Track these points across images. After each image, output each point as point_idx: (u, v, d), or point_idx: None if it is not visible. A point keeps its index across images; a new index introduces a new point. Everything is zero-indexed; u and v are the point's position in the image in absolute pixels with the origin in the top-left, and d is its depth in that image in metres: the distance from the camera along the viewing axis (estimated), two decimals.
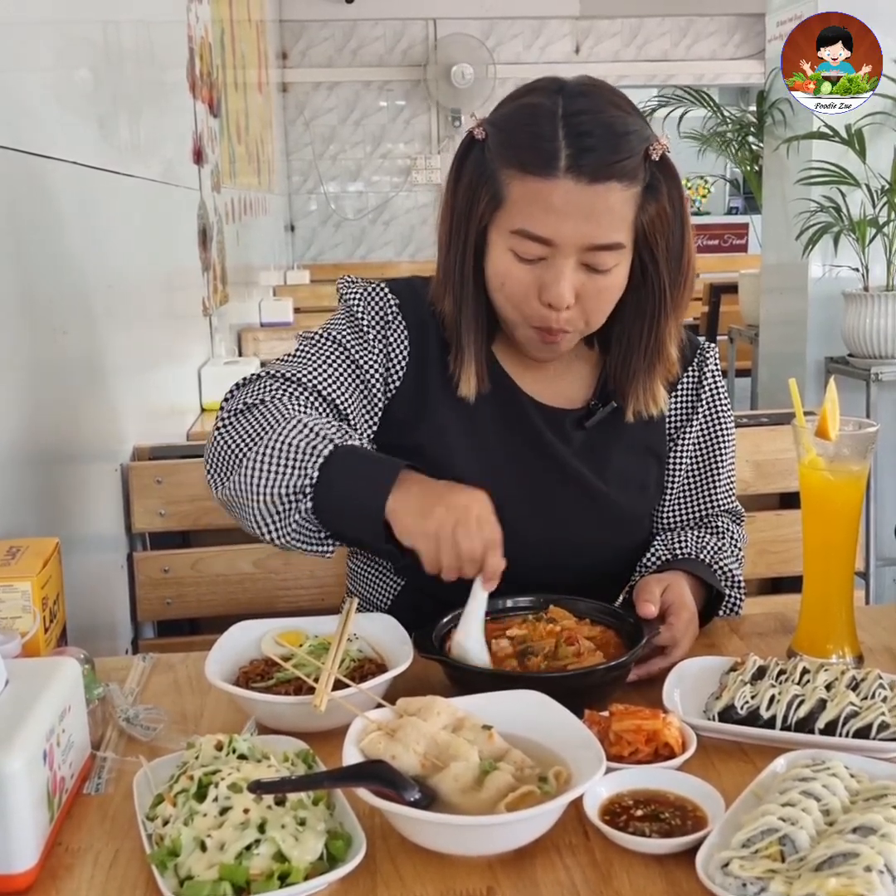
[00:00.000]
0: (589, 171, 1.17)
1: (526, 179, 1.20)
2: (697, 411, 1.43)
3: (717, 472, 1.45)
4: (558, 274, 1.21)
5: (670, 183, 1.25)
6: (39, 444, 1.54)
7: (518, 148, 1.21)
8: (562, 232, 1.19)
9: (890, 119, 3.45)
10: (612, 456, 1.38)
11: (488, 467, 1.31)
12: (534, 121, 1.21)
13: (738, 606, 1.40)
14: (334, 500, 1.15)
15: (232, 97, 4.22)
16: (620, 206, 1.20)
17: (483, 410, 1.34)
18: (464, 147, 1.28)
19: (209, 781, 0.86)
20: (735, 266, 6.16)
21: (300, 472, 1.15)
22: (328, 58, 7.88)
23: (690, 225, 1.29)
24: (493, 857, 0.86)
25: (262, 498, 1.16)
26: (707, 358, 1.44)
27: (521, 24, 7.95)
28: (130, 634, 1.88)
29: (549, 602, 1.23)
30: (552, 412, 1.36)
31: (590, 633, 1.17)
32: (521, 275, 1.23)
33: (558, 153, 1.18)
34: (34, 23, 1.60)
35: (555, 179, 1.18)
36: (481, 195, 1.24)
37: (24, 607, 1.10)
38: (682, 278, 1.29)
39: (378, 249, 8.15)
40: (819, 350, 3.75)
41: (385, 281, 1.38)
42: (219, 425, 1.26)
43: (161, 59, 2.66)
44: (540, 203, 1.19)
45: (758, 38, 7.57)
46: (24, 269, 1.49)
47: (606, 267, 1.22)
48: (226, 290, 3.61)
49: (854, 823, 0.80)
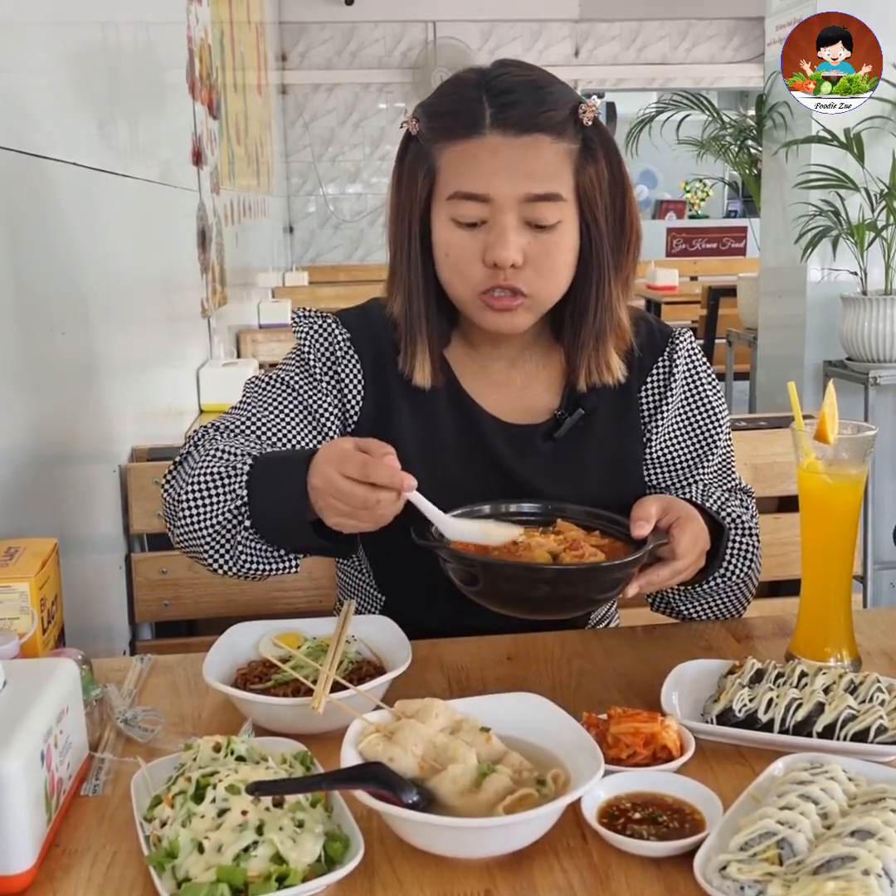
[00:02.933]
0: (514, 122, 1.19)
1: (455, 143, 1.21)
2: (668, 399, 1.37)
3: (706, 456, 1.39)
4: (500, 231, 1.20)
5: (607, 146, 1.25)
6: (38, 444, 1.54)
7: (444, 118, 1.23)
8: (496, 185, 1.19)
9: (888, 123, 3.46)
10: (585, 464, 1.34)
11: (449, 495, 1.24)
12: (457, 90, 1.24)
13: (753, 555, 1.31)
14: (264, 510, 1.16)
15: (231, 99, 4.23)
16: (553, 158, 1.20)
17: (445, 436, 1.32)
18: (402, 146, 1.28)
19: (207, 783, 0.86)
20: (733, 269, 6.17)
21: (230, 496, 1.17)
22: (327, 60, 7.89)
23: (632, 188, 1.29)
24: (490, 860, 0.86)
25: (206, 532, 1.19)
26: (677, 345, 1.39)
27: (520, 26, 7.97)
28: (128, 636, 1.88)
29: (556, 511, 1.21)
30: (517, 430, 1.33)
31: (598, 544, 1.15)
32: (462, 241, 1.22)
33: (483, 112, 1.20)
34: (33, 24, 1.60)
35: (481, 137, 1.19)
36: (418, 178, 1.24)
37: (22, 608, 1.10)
38: (626, 241, 1.28)
39: (376, 251, 8.15)
40: (817, 354, 3.75)
41: (339, 313, 1.36)
42: (162, 483, 1.29)
43: (160, 60, 2.66)
44: (470, 162, 1.20)
45: (757, 41, 7.59)
46: (22, 270, 1.49)
47: (549, 222, 1.21)
48: (224, 292, 3.61)
49: (852, 827, 0.80)
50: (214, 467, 1.19)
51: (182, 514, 1.20)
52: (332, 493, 1.07)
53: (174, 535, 1.24)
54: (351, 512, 1.08)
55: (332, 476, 1.07)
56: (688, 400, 1.39)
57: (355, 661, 1.13)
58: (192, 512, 1.19)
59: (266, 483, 1.16)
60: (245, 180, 4.76)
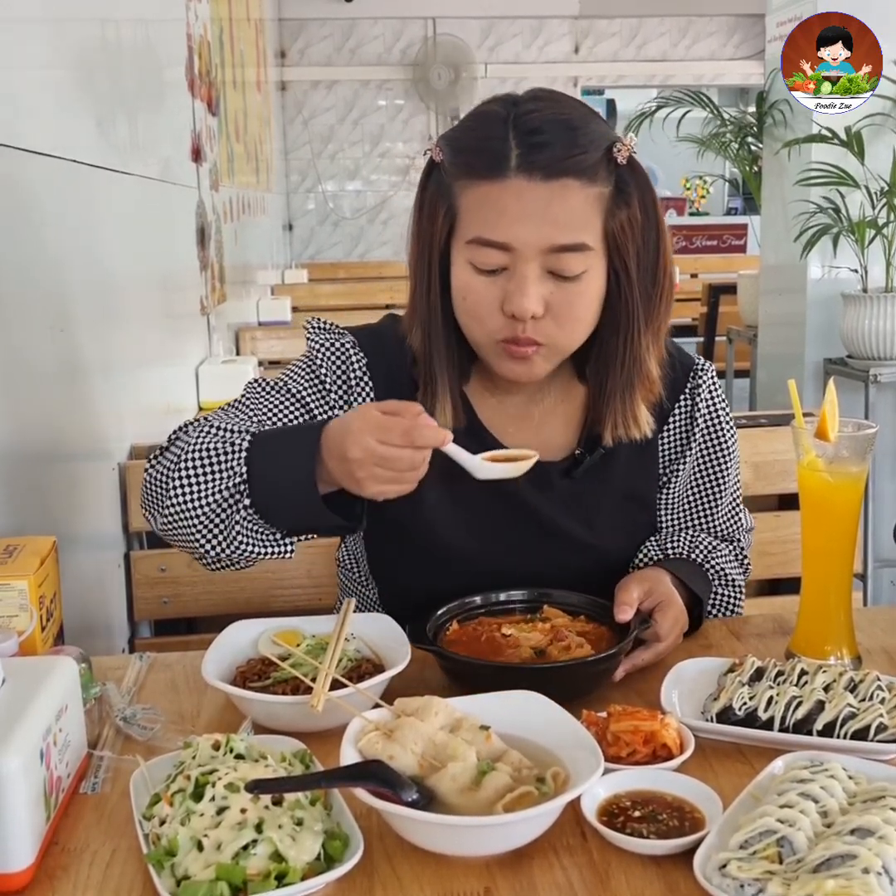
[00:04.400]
0: (541, 167, 1.12)
1: (477, 185, 1.14)
2: (691, 446, 1.35)
3: (718, 498, 1.39)
4: (521, 281, 1.14)
5: (642, 188, 1.18)
6: (37, 442, 1.53)
7: (467, 154, 1.17)
8: (518, 234, 1.13)
9: (889, 120, 3.45)
10: (600, 503, 1.32)
11: (462, 521, 1.26)
12: (483, 125, 1.17)
13: (735, 605, 1.38)
14: (269, 488, 1.12)
15: (230, 96, 4.22)
16: (582, 205, 1.14)
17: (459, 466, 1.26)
18: (425, 173, 1.22)
19: (206, 781, 0.86)
20: (734, 267, 6.16)
21: (228, 473, 1.13)
22: (327, 56, 7.88)
23: (668, 234, 1.22)
24: (490, 858, 0.86)
25: (200, 510, 1.13)
26: (700, 383, 1.35)
27: (520, 23, 7.95)
28: (127, 633, 1.88)
29: (543, 597, 1.24)
30: (535, 466, 1.27)
31: (583, 630, 1.18)
32: (481, 287, 1.16)
33: (508, 153, 1.12)
34: (32, 20, 1.60)
35: (505, 180, 1.12)
36: (439, 214, 1.18)
37: (21, 606, 1.10)
38: (658, 290, 1.22)
39: (376, 249, 8.15)
40: (818, 351, 3.75)
41: (356, 332, 1.31)
42: (146, 467, 1.24)
43: (160, 57, 2.66)
44: (492, 206, 1.13)
45: (757, 38, 7.57)
46: (20, 267, 1.48)
47: (573, 272, 1.15)
48: (224, 289, 3.61)
49: (852, 825, 0.80)
50: (210, 443, 1.14)
51: (173, 493, 1.14)
52: (375, 461, 1.05)
53: (160, 518, 1.18)
54: (395, 477, 1.06)
55: (372, 445, 1.05)
56: (706, 445, 1.37)
57: (354, 659, 1.13)
58: (185, 490, 1.13)
59: (271, 459, 1.12)
60: (244, 177, 4.75)
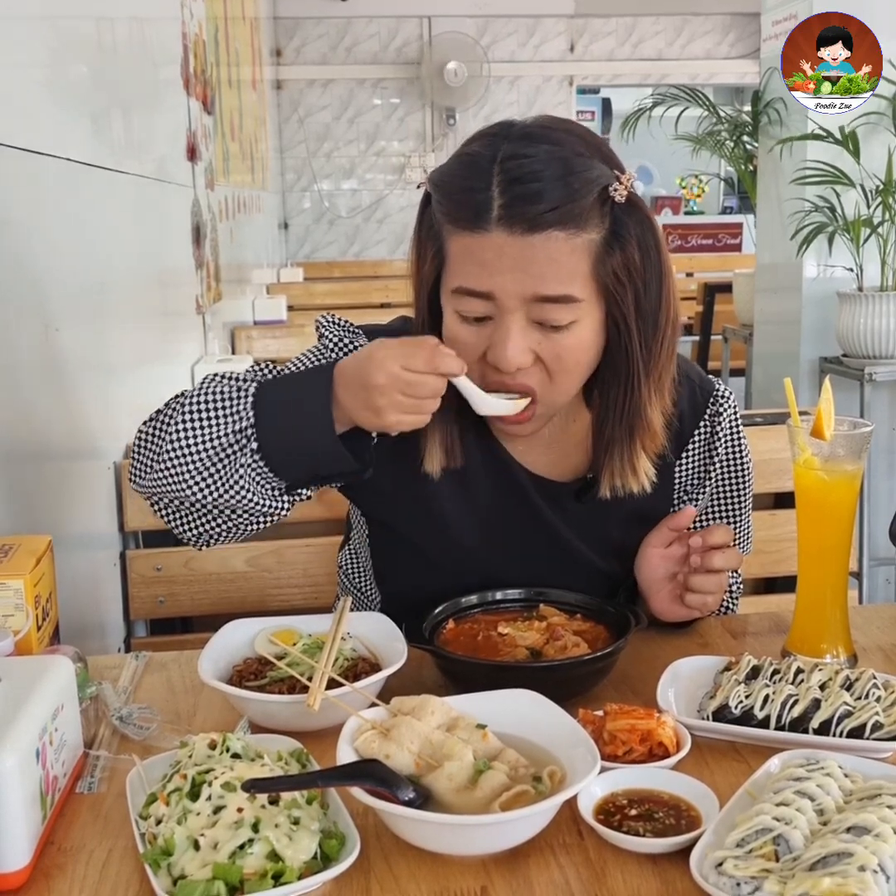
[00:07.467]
0: (524, 220, 1.06)
1: (460, 235, 1.10)
2: (710, 476, 1.33)
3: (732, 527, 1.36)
4: (505, 332, 1.10)
5: (642, 227, 1.11)
6: (32, 441, 1.53)
7: (450, 202, 1.12)
8: (500, 284, 1.08)
9: (884, 119, 3.46)
10: (609, 529, 1.29)
11: (476, 531, 1.26)
12: (468, 172, 1.11)
13: (730, 605, 1.41)
14: (280, 430, 1.09)
15: (226, 94, 4.22)
16: (568, 257, 1.08)
17: (475, 479, 1.26)
18: (421, 205, 1.17)
19: (202, 780, 0.86)
20: (729, 265, 6.17)
21: (235, 417, 1.09)
22: (322, 55, 7.87)
23: (671, 273, 1.15)
24: (487, 857, 0.86)
25: (200, 455, 1.09)
26: (721, 411, 1.31)
27: (515, 22, 7.95)
28: (123, 633, 1.88)
29: (539, 596, 1.25)
30: (546, 483, 1.28)
31: (579, 629, 1.19)
32: (467, 337, 1.13)
33: (490, 204, 1.07)
34: (27, 18, 1.60)
35: (485, 234, 1.07)
36: (429, 256, 1.15)
37: (17, 605, 1.09)
38: (660, 336, 1.15)
39: (371, 247, 8.14)
40: (813, 350, 3.76)
41: (368, 332, 1.26)
42: (139, 427, 1.19)
43: (155, 55, 2.65)
44: (473, 258, 1.09)
45: (752, 37, 7.58)
46: (16, 266, 1.48)
47: (561, 322, 1.10)
48: (219, 288, 3.60)
49: (848, 823, 0.80)
50: (217, 387, 1.11)
51: (175, 437, 1.10)
52: (399, 387, 1.04)
53: (152, 473, 1.12)
54: (415, 405, 1.06)
55: (397, 371, 1.04)
56: (725, 475, 1.35)
57: (351, 659, 1.13)
58: (188, 434, 1.09)
59: (282, 401, 1.10)
60: (240, 176, 4.75)
